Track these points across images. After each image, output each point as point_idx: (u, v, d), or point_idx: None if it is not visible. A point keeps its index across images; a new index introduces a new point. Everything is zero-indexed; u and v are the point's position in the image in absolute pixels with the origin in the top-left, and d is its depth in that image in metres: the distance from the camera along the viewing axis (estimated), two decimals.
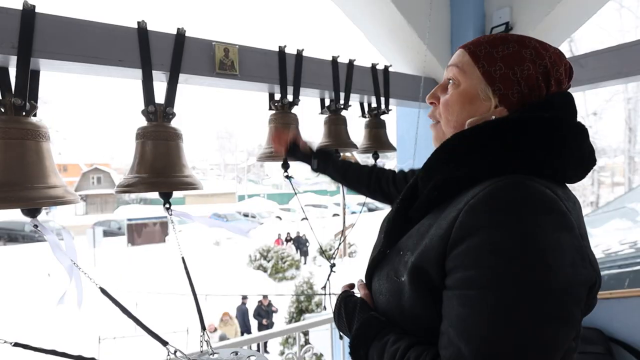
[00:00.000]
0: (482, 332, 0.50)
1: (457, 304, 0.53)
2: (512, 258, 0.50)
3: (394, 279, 0.66)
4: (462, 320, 0.52)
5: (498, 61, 0.65)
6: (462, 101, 0.68)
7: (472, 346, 0.49)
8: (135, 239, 16.56)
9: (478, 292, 0.51)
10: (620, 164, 16.15)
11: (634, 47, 1.44)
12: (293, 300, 8.26)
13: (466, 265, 0.53)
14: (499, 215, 0.53)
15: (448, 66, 0.72)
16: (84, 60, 1.13)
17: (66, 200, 0.99)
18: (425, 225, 0.65)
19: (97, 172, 30.16)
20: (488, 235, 0.52)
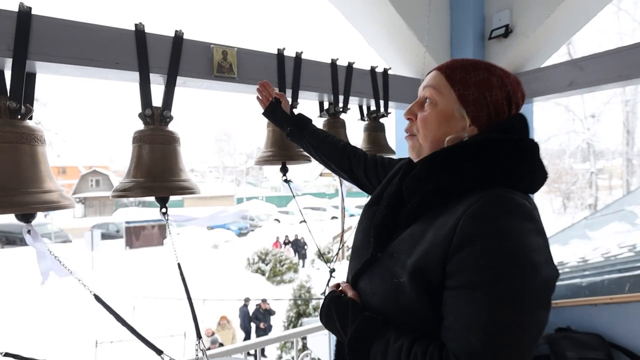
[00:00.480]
0: (489, 324, 0.58)
1: (463, 302, 0.61)
2: (507, 260, 0.60)
3: (391, 281, 0.72)
4: (469, 316, 0.60)
5: (471, 86, 0.75)
6: (439, 119, 0.77)
7: (481, 337, 0.58)
8: (134, 241, 16.48)
9: (482, 291, 0.60)
10: (618, 167, 16.20)
11: (634, 50, 1.44)
12: (291, 304, 8.22)
13: (470, 268, 0.61)
14: (494, 224, 0.63)
15: (425, 86, 0.80)
16: (80, 63, 1.12)
17: (61, 205, 0.98)
18: (418, 231, 0.72)
19: (96, 175, 30.07)
20: (487, 242, 0.62)
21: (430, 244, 0.67)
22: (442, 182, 0.72)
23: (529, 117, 2.07)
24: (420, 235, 0.70)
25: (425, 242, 0.68)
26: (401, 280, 0.69)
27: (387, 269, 0.74)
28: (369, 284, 0.78)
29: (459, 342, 0.60)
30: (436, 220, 0.69)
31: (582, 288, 2.19)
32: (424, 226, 0.71)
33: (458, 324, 0.61)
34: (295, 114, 1.31)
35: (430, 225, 0.70)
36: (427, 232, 0.69)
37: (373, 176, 1.11)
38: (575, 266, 2.99)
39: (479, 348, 0.58)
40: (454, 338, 0.61)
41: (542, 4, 1.64)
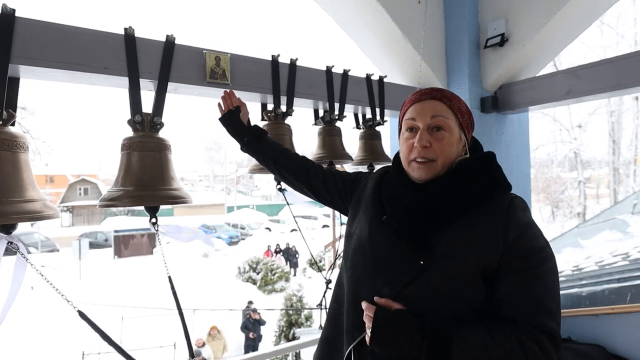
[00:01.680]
0: (552, 292, 0.77)
1: (526, 281, 0.77)
2: (543, 244, 0.81)
3: (458, 279, 0.79)
4: (534, 292, 0.76)
5: (465, 114, 0.92)
6: (453, 144, 0.90)
7: (550, 303, 0.76)
8: (122, 251, 16.17)
9: (542, 268, 0.78)
10: (605, 176, 16.46)
11: (630, 59, 1.44)
12: (283, 314, 8.09)
13: (524, 255, 0.78)
14: (527, 218, 0.83)
15: (435, 115, 0.89)
16: (67, 67, 1.08)
17: (44, 215, 0.92)
18: (463, 233, 0.82)
19: (84, 183, 29.57)
20: (530, 234, 0.81)
21: (485, 241, 0.79)
22: (470, 191, 0.84)
23: (524, 125, 2.07)
24: (469, 236, 0.81)
25: (478, 241, 0.80)
26: (466, 276, 0.79)
27: (447, 270, 0.80)
28: (425, 289, 0.81)
29: (532, 313, 0.75)
30: (476, 222, 0.82)
31: (582, 298, 2.17)
32: (466, 228, 0.82)
33: (526, 298, 0.76)
34: (252, 125, 1.29)
35: (473, 227, 0.82)
36: (474, 233, 0.81)
37: (332, 188, 1.15)
38: (571, 275, 2.98)
39: (548, 311, 0.75)
40: (526, 312, 0.75)
41: (538, 13, 1.64)
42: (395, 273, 0.84)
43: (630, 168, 13.89)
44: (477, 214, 0.83)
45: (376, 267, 0.88)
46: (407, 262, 0.83)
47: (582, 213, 14.86)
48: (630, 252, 3.29)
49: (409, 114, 0.94)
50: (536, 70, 1.89)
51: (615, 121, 13.73)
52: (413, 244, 0.84)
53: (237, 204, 33.23)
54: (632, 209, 4.30)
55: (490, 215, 0.82)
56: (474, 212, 0.83)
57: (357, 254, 0.94)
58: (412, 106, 0.94)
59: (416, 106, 0.92)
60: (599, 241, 4.12)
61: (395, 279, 0.83)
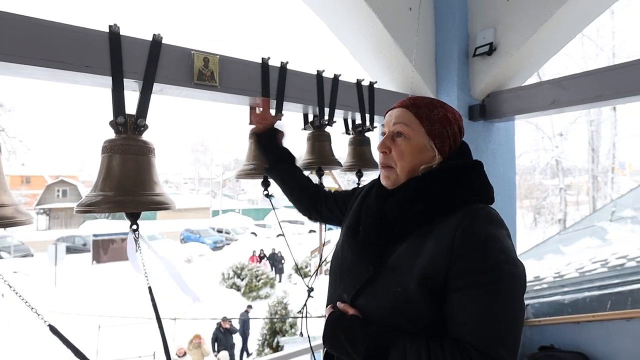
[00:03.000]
0: (497, 314, 0.71)
1: (473, 299, 0.72)
2: (501, 260, 0.74)
3: (397, 291, 0.79)
4: (480, 310, 0.71)
5: (436, 122, 0.90)
6: (413, 152, 0.89)
7: (494, 325, 0.71)
8: (101, 256, 15.72)
9: (487, 288, 0.72)
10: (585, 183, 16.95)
11: (614, 72, 1.47)
12: (266, 322, 7.98)
13: (475, 270, 0.74)
14: (485, 232, 0.77)
15: (396, 122, 0.90)
16: (46, 65, 1.03)
17: (15, 221, 0.87)
18: (415, 245, 0.81)
19: (63, 185, 28.76)
20: (484, 247, 0.75)
21: (432, 254, 0.77)
22: (430, 202, 0.83)
23: (511, 133, 2.09)
24: (419, 248, 0.80)
25: (427, 253, 0.78)
26: (408, 289, 0.77)
27: (392, 281, 0.80)
28: (372, 298, 0.83)
29: (475, 334, 0.70)
30: (430, 234, 0.80)
31: (564, 306, 2.20)
32: (419, 240, 0.81)
33: (471, 318, 0.72)
34: (286, 149, 1.33)
35: (425, 239, 0.80)
36: (425, 245, 0.79)
37: (334, 206, 1.23)
38: (553, 282, 3.03)
39: (493, 334, 0.70)
40: (469, 331, 0.71)
41: (526, 24, 1.66)
42: (351, 280, 0.88)
43: (608, 176, 14.35)
44: (435, 226, 0.81)
45: (341, 274, 0.93)
46: (361, 270, 0.86)
47: (562, 219, 15.24)
48: (608, 258, 3.37)
49: (384, 121, 0.97)
50: (522, 79, 1.91)
51: (594, 130, 14.19)
52: (366, 253, 0.87)
53: (223, 208, 32.87)
54: (610, 217, 4.42)
55: (447, 227, 0.78)
56: (433, 224, 0.81)
57: (333, 260, 1.00)
58: (387, 113, 0.97)
59: (389, 114, 0.96)
60: (579, 248, 4.22)
61: (351, 285, 0.87)
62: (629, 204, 4.37)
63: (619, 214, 4.32)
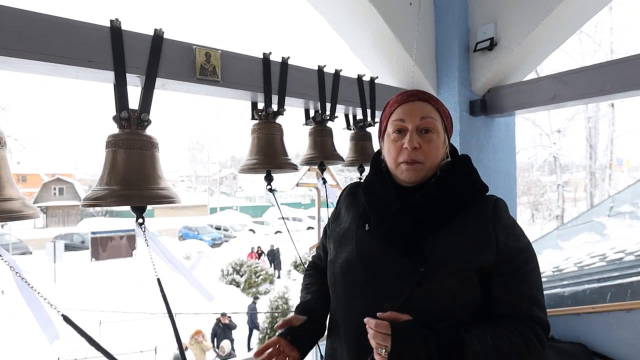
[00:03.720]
0: (535, 288, 0.83)
1: (519, 279, 0.82)
2: (527, 242, 0.87)
3: (454, 283, 0.80)
4: (524, 288, 0.82)
5: (448, 117, 0.95)
6: (439, 146, 0.91)
7: (540, 296, 0.84)
8: (100, 253, 15.71)
9: (529, 267, 0.84)
10: (582, 179, 17.02)
11: (615, 66, 1.48)
12: (268, 316, 8.01)
13: (513, 255, 0.83)
14: (512, 219, 0.88)
15: (424, 117, 0.90)
16: (49, 60, 1.02)
17: (24, 214, 0.87)
18: (455, 236, 0.84)
19: (59, 183, 28.67)
20: (516, 235, 0.86)
21: (478, 243, 0.82)
22: (464, 194, 0.87)
23: (511, 128, 2.10)
24: (463, 239, 0.83)
25: (473, 243, 0.83)
26: (464, 279, 0.81)
27: (445, 275, 0.81)
28: (426, 297, 0.80)
29: (526, 307, 0.81)
30: (465, 225, 0.85)
31: (564, 298, 2.22)
32: (457, 231, 0.84)
33: (519, 295, 0.81)
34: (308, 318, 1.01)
35: (463, 230, 0.84)
36: (466, 235, 0.84)
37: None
38: (552, 276, 3.05)
39: (537, 304, 0.82)
40: (520, 306, 0.81)
41: (526, 19, 1.67)
42: (395, 284, 0.82)
43: (606, 172, 14.41)
44: (464, 217, 0.86)
45: (372, 283, 0.85)
46: (406, 271, 0.82)
47: (560, 216, 15.31)
48: (607, 253, 3.39)
49: (397, 115, 0.92)
50: (523, 75, 1.92)
51: (592, 127, 14.23)
52: (408, 252, 0.83)
53: (220, 205, 32.85)
54: (608, 212, 4.44)
55: (479, 218, 0.85)
56: (461, 216, 0.86)
57: (348, 276, 0.89)
58: (399, 107, 0.93)
59: (404, 107, 0.91)
60: (577, 243, 4.24)
61: (396, 289, 0.81)
62: (627, 200, 4.39)
63: (617, 210, 4.35)
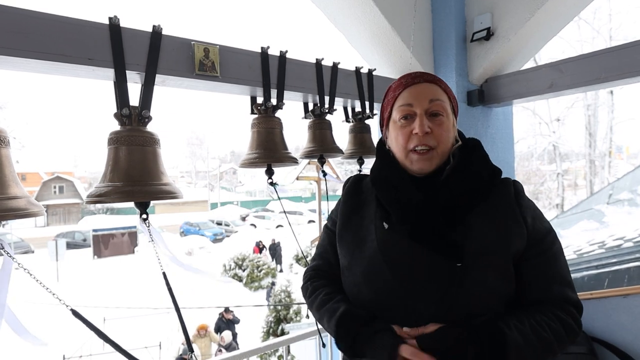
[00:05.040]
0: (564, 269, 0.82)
1: (549, 262, 0.80)
2: (549, 224, 0.85)
3: (493, 274, 0.76)
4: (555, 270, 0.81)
5: (454, 99, 0.90)
6: (450, 130, 0.86)
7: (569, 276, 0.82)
8: (102, 250, 15.78)
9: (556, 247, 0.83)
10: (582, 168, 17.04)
11: (611, 54, 1.48)
12: (271, 309, 8.08)
13: (541, 238, 0.81)
14: (532, 202, 0.87)
15: (433, 99, 0.84)
16: (48, 58, 1.03)
17: (29, 212, 0.89)
18: (482, 227, 0.80)
19: (59, 181, 28.69)
20: (539, 217, 0.85)
21: (510, 229, 0.80)
22: (487, 179, 0.84)
23: (509, 118, 2.11)
24: (494, 227, 0.80)
25: (505, 229, 0.80)
26: (502, 270, 0.77)
27: (483, 268, 0.76)
28: (468, 292, 0.75)
29: (558, 289, 0.79)
30: (491, 211, 0.82)
31: None
32: (485, 219, 0.81)
33: (551, 278, 0.79)
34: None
35: (491, 216, 0.81)
36: (496, 222, 0.80)
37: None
38: None
39: (567, 284, 0.80)
40: (552, 289, 0.79)
41: (522, 7, 1.67)
42: (431, 284, 0.75)
43: (605, 160, 14.43)
44: (487, 203, 0.82)
45: (404, 286, 0.77)
46: (442, 268, 0.75)
47: (560, 204, 15.36)
48: (606, 240, 3.42)
49: (403, 100, 0.86)
50: (520, 64, 1.92)
51: (591, 114, 14.22)
52: (441, 247, 0.77)
53: (221, 201, 32.89)
54: (607, 200, 4.47)
55: (503, 202, 0.83)
56: (484, 202, 0.82)
57: (373, 282, 0.80)
58: (404, 91, 0.86)
59: (410, 91, 0.85)
60: (577, 231, 4.27)
61: (433, 289, 0.75)
62: (626, 187, 4.41)
63: (616, 197, 4.37)
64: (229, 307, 7.85)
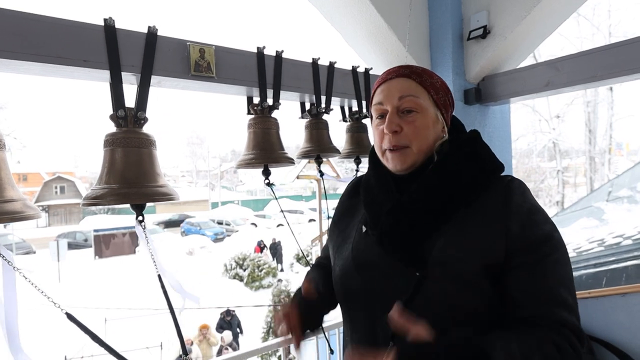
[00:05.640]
0: (567, 281, 0.69)
1: (536, 274, 0.68)
2: (550, 230, 0.71)
3: (458, 286, 0.69)
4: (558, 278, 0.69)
5: (439, 90, 0.81)
6: (428, 126, 0.79)
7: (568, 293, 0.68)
8: (103, 251, 15.81)
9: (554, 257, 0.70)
10: (582, 165, 17.03)
11: (607, 51, 1.48)
12: (270, 309, 8.09)
13: (530, 247, 0.69)
14: (528, 204, 0.73)
15: (403, 96, 0.78)
16: (44, 60, 1.03)
17: (25, 215, 0.89)
18: (456, 231, 0.72)
19: (60, 181, 28.74)
20: (535, 218, 0.72)
21: (485, 236, 0.71)
22: (467, 181, 0.75)
23: (506, 116, 2.11)
24: (466, 234, 0.72)
25: (478, 237, 0.71)
26: (469, 281, 0.70)
27: (446, 278, 0.70)
28: (425, 306, 0.69)
29: (554, 310, 0.67)
30: (472, 216, 0.73)
31: None
32: (461, 225, 0.73)
33: (539, 294, 0.68)
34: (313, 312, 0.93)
35: (469, 222, 0.72)
36: (471, 229, 0.72)
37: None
38: None
39: (569, 304, 0.67)
40: (546, 310, 0.67)
41: (519, 5, 1.67)
42: (391, 292, 0.72)
43: (605, 157, 14.42)
44: (472, 207, 0.74)
45: (369, 293, 0.76)
46: (403, 277, 0.72)
47: (560, 201, 15.36)
48: (605, 238, 3.43)
49: (377, 98, 0.82)
50: (517, 62, 1.92)
51: (591, 111, 14.21)
52: (404, 256, 0.73)
53: (222, 200, 32.92)
54: (607, 197, 4.46)
55: (487, 206, 0.73)
56: (469, 206, 0.74)
57: (346, 285, 0.81)
58: (378, 88, 0.83)
59: (383, 88, 0.81)
60: (576, 228, 4.27)
61: (393, 298, 0.69)
62: (625, 184, 4.41)
63: (615, 194, 4.36)
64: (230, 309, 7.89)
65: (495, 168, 0.79)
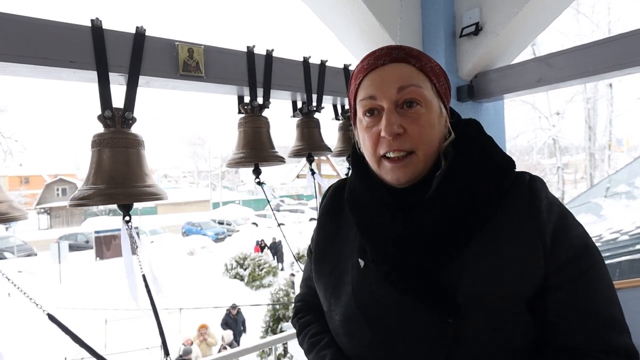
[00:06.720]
0: (611, 301, 0.58)
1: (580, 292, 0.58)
2: (584, 232, 0.61)
3: (501, 324, 0.57)
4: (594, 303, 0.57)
5: (440, 76, 0.66)
6: (434, 123, 0.63)
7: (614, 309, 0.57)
8: (104, 252, 15.84)
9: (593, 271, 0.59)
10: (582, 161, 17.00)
11: (599, 47, 1.48)
12: (269, 309, 8.10)
13: (570, 257, 0.58)
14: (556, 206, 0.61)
15: (403, 86, 0.62)
16: (30, 62, 1.03)
17: (10, 217, 0.89)
18: (481, 258, 0.58)
19: (62, 183, 28.79)
20: (567, 224, 0.60)
21: (521, 257, 0.58)
22: (490, 192, 0.60)
23: (500, 113, 2.10)
24: (495, 259, 0.58)
25: (513, 258, 0.58)
26: (515, 312, 0.58)
27: (485, 320, 0.57)
28: (466, 352, 0.57)
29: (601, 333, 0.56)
30: (497, 232, 0.59)
31: None
32: (483, 247, 0.59)
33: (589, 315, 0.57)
34: None
35: (492, 242, 0.59)
36: (502, 250, 0.58)
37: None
38: None
39: (619, 321, 0.57)
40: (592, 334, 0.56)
41: (510, 2, 1.66)
42: (418, 347, 0.58)
43: (605, 153, 14.39)
44: (495, 220, 0.60)
45: (385, 347, 0.60)
46: (429, 325, 0.58)
47: (561, 198, 15.34)
48: (603, 233, 3.42)
49: (365, 91, 0.65)
50: (510, 58, 1.92)
51: (590, 108, 14.18)
52: (427, 298, 0.58)
53: (223, 200, 32.94)
54: (605, 193, 4.46)
55: (513, 217, 0.59)
56: (490, 220, 0.60)
57: (352, 337, 0.65)
58: (366, 78, 0.65)
59: (373, 77, 0.64)
60: None
61: (421, 351, 0.58)
62: (623, 180, 4.40)
63: (613, 190, 4.36)
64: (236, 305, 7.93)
65: (509, 166, 0.64)
